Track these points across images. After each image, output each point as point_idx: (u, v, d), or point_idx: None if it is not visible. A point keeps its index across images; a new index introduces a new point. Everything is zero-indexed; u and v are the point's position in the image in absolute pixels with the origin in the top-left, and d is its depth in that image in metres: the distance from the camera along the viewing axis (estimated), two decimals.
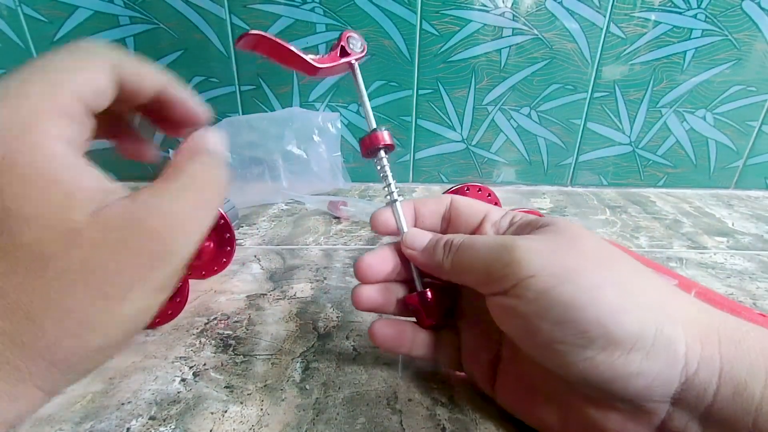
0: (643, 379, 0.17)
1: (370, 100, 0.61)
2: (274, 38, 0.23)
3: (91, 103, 0.16)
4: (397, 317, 0.25)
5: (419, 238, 0.24)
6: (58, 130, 0.14)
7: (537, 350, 0.19)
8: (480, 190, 0.38)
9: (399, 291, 0.25)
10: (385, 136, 0.26)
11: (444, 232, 0.25)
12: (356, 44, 0.26)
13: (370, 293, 0.24)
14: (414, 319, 0.25)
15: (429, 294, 0.24)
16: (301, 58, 0.24)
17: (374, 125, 0.26)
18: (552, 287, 0.18)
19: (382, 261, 0.25)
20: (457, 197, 0.25)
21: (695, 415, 0.17)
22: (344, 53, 0.26)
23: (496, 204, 0.37)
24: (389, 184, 0.25)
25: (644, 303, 0.17)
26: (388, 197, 0.25)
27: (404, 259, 0.25)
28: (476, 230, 0.24)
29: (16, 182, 0.13)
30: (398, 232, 0.25)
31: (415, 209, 0.26)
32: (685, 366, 0.16)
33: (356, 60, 0.26)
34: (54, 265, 0.13)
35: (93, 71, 0.16)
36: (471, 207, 0.25)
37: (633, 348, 0.17)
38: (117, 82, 0.17)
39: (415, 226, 0.25)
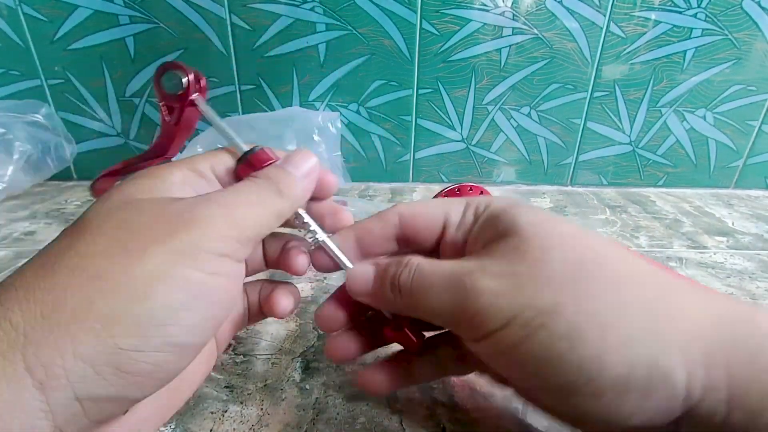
0: (641, 417, 0.15)
1: (370, 99, 0.61)
2: (115, 168, 0.25)
3: (223, 176, 0.20)
4: (383, 359, 0.23)
5: (360, 281, 0.20)
6: (182, 175, 0.18)
7: (522, 394, 0.18)
8: (471, 189, 0.37)
9: (372, 328, 0.23)
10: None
11: (400, 252, 0.22)
12: (177, 81, 0.21)
13: (343, 344, 0.22)
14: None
15: (403, 321, 0.21)
16: (146, 157, 0.23)
17: (244, 148, 0.20)
18: (524, 339, 0.15)
19: (340, 307, 0.22)
20: (404, 208, 0.21)
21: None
22: (182, 98, 0.21)
23: None
24: (305, 223, 0.21)
25: (633, 335, 0.15)
26: (312, 240, 0.21)
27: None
28: (440, 240, 0.21)
29: (124, 183, 0.18)
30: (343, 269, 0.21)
31: (357, 240, 0.21)
32: (686, 397, 0.14)
33: (193, 98, 0.21)
34: (93, 223, 0.16)
35: (225, 154, 0.20)
36: (425, 217, 0.21)
37: (624, 390, 0.15)
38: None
39: (363, 257, 0.21)
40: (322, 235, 0.21)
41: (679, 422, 0.15)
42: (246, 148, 0.20)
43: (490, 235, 0.18)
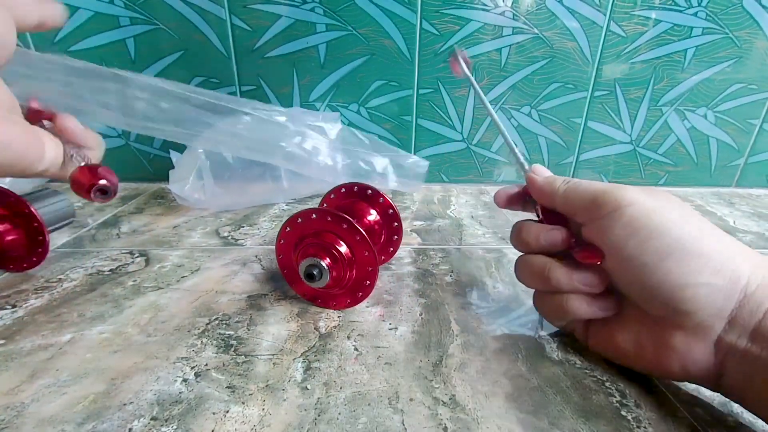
0: (709, 289, 0.20)
1: (370, 99, 0.62)
2: None
3: None
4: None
5: (543, 170, 0.30)
6: None
7: (623, 263, 0.23)
8: (371, 191, 0.37)
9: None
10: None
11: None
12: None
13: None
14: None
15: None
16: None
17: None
18: (644, 215, 0.22)
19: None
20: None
21: (745, 331, 0.20)
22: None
23: (387, 209, 0.38)
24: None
25: (719, 236, 0.22)
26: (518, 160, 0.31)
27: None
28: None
29: None
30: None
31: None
32: (745, 286, 0.20)
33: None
34: None
35: None
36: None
37: (704, 265, 0.20)
38: None
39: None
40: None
41: (731, 320, 0.20)
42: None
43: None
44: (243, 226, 0.49)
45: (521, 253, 0.30)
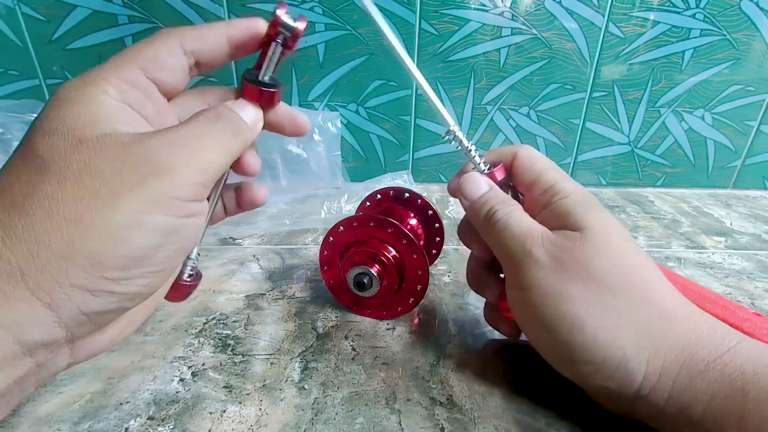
0: (604, 390, 0.21)
1: (369, 99, 0.61)
2: None
3: (159, 78, 0.19)
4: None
5: (475, 187, 0.25)
6: (115, 91, 0.18)
7: (528, 337, 0.24)
8: (408, 194, 0.37)
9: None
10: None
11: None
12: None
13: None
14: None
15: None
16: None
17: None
18: (540, 305, 0.21)
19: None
20: (523, 150, 0.25)
21: (649, 415, 0.21)
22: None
23: (424, 211, 0.37)
24: (460, 141, 0.25)
25: (616, 341, 0.20)
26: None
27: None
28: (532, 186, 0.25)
29: (55, 109, 0.17)
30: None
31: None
32: (638, 390, 0.20)
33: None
34: (53, 165, 0.16)
35: (159, 47, 0.19)
36: (522, 168, 0.25)
37: (595, 372, 0.21)
38: (185, 55, 0.20)
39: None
40: (471, 147, 0.25)
41: (633, 402, 0.21)
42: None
43: (559, 221, 0.23)
44: (241, 225, 0.48)
45: None
